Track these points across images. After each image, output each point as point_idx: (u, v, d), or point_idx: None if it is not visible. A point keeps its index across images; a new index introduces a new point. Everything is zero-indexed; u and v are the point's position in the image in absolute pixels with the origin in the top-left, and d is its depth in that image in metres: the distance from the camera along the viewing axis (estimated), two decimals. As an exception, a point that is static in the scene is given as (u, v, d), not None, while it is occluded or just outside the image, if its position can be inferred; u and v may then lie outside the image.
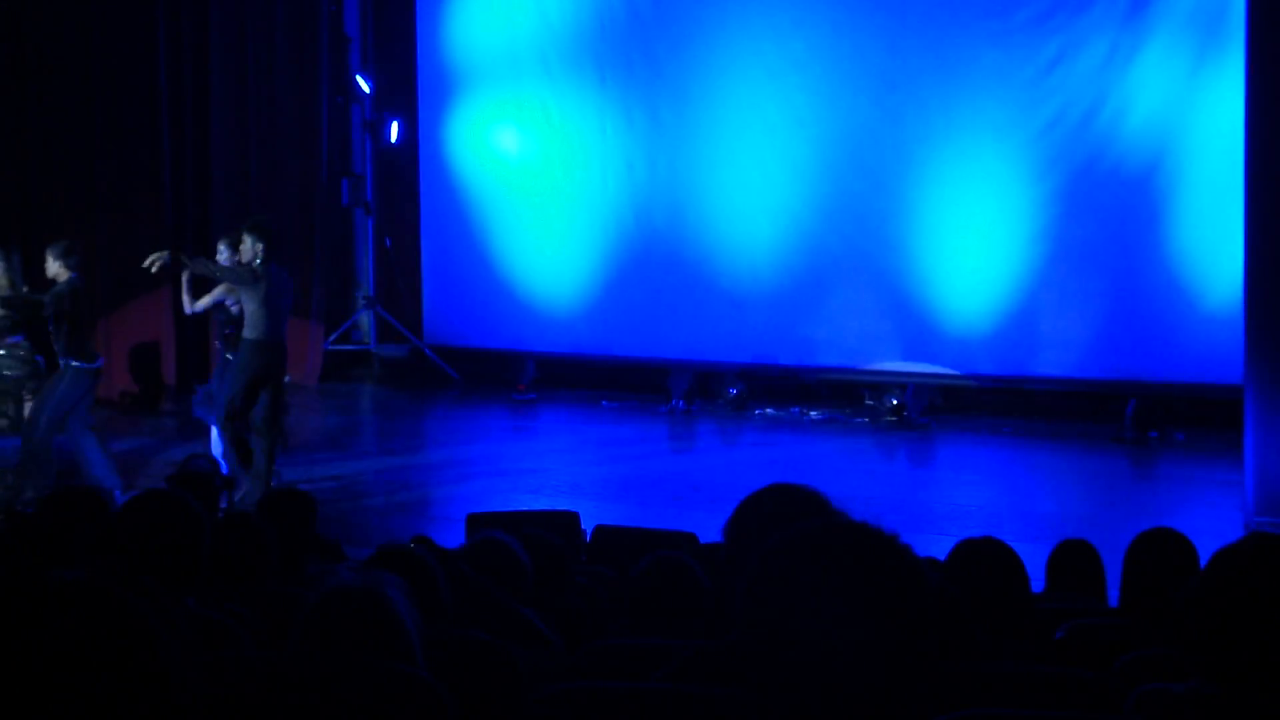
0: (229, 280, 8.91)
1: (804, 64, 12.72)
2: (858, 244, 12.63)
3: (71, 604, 1.47)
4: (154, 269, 8.85)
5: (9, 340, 9.19)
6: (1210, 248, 11.14)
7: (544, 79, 13.93)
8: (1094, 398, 12.18)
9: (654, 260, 13.46)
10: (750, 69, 12.93)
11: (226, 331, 9.25)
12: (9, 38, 12.37)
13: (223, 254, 9.07)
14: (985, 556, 3.85)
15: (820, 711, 1.60)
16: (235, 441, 8.82)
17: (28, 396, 9.14)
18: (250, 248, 8.68)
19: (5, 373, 9.23)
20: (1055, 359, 12.04)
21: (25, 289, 9.25)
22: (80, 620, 1.45)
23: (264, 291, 8.63)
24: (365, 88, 14.82)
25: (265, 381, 8.77)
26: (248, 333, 8.72)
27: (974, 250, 12.22)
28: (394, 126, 14.72)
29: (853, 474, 10.02)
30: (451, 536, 6.57)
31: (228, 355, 9.17)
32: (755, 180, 12.99)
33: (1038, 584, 4.69)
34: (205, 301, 9.29)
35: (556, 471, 10.18)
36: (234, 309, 9.08)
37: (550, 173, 14.02)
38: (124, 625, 1.47)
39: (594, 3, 13.72)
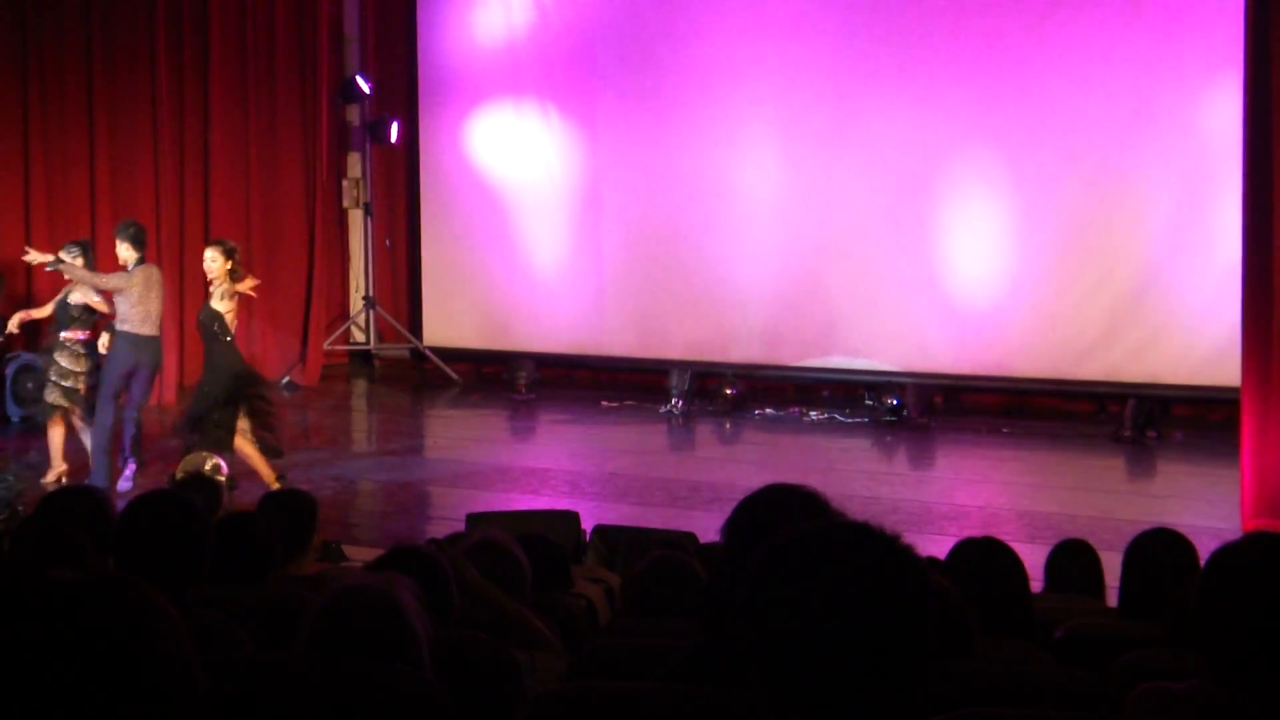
0: None
1: (802, 65, 12.74)
2: (856, 244, 12.64)
3: (72, 603, 1.47)
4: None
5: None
6: (1209, 248, 11.14)
7: (544, 79, 13.94)
8: (1094, 398, 12.18)
9: (653, 261, 13.46)
10: (749, 70, 12.94)
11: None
12: (9, 38, 12.36)
13: (73, 254, 9.15)
14: (985, 556, 3.86)
15: (820, 711, 1.61)
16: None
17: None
18: None
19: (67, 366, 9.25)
20: (1055, 359, 12.04)
21: None
22: (81, 620, 1.45)
23: None
24: (365, 88, 14.82)
25: None
26: None
27: (973, 250, 12.23)
28: (394, 126, 14.72)
29: (853, 474, 10.00)
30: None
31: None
32: (754, 180, 13.01)
33: (1038, 584, 4.69)
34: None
35: (556, 471, 10.17)
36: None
37: (550, 173, 14.02)
38: (125, 625, 1.47)
39: (594, 4, 13.72)
